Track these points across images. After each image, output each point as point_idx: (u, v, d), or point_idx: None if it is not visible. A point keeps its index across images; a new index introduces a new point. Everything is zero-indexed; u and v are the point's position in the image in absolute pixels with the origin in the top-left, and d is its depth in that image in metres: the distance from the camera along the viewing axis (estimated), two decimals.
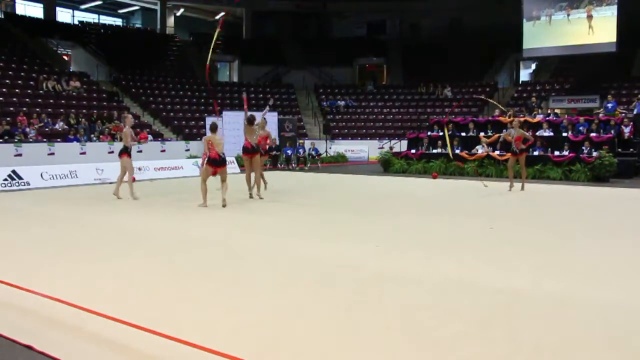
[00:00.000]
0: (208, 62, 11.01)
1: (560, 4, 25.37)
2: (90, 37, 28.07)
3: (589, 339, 3.37)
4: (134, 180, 10.58)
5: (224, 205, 9.08)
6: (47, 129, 17.74)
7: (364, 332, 3.47)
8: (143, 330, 3.30)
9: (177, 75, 28.27)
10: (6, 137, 15.97)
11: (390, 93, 30.10)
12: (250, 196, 10.37)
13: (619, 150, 15.05)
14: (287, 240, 6.54)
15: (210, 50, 10.77)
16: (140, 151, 18.07)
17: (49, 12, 29.14)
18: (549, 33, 25.70)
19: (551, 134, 16.25)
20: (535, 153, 15.44)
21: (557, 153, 15.12)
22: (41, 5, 29.80)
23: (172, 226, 7.48)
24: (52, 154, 15.85)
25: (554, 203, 9.80)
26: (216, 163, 9.32)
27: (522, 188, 11.66)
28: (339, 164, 22.03)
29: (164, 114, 24.25)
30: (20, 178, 12.46)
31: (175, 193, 11.39)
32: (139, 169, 14.83)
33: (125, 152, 10.37)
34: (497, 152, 15.86)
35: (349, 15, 34.71)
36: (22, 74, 21.30)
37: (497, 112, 19.88)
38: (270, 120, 22.34)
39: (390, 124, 27.25)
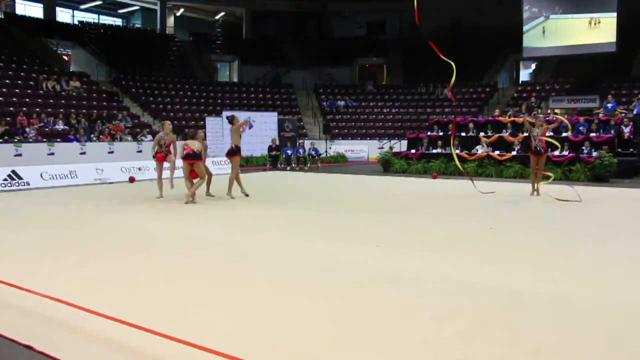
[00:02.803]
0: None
1: (561, 7, 25.38)
2: (90, 37, 28.10)
3: (589, 339, 3.37)
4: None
5: (190, 201, 9.63)
6: (47, 129, 17.74)
7: (363, 332, 3.47)
8: (143, 330, 3.30)
9: (177, 75, 28.28)
10: (6, 137, 15.96)
11: (390, 93, 30.11)
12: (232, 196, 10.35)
13: (619, 150, 15.06)
14: (286, 240, 6.54)
15: None
16: (140, 151, 18.11)
17: (49, 12, 29.15)
18: (548, 33, 25.70)
19: (551, 133, 16.22)
20: None
21: (556, 153, 15.11)
22: (41, 5, 29.82)
23: (172, 226, 7.47)
24: (52, 154, 15.84)
25: (554, 203, 9.79)
26: (191, 157, 9.75)
27: (538, 193, 10.67)
28: (338, 164, 22.03)
29: (164, 114, 24.23)
30: (20, 178, 12.46)
31: (175, 193, 11.37)
32: (139, 169, 14.84)
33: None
34: (497, 152, 15.87)
35: (349, 15, 34.71)
36: (22, 74, 21.30)
37: (497, 112, 19.91)
38: (270, 120, 22.48)
39: (390, 124, 27.26)
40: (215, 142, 19.37)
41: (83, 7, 34.37)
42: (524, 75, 31.64)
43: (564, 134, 15.97)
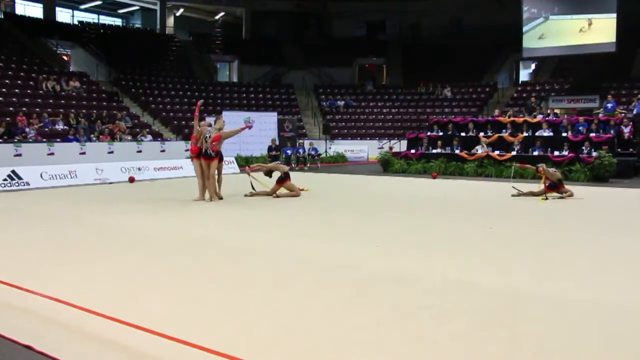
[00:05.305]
0: None
1: (560, 7, 25.39)
2: (90, 37, 28.09)
3: (589, 339, 3.37)
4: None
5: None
6: (46, 129, 17.74)
7: (363, 332, 3.47)
8: (143, 330, 3.31)
9: (177, 75, 28.29)
10: (6, 137, 15.96)
11: (389, 93, 30.12)
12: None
13: (619, 150, 15.05)
14: (286, 240, 6.54)
15: None
16: (140, 151, 18.13)
17: (49, 12, 29.15)
18: (548, 33, 25.72)
19: (551, 134, 16.25)
20: (535, 153, 15.45)
21: (556, 153, 15.12)
22: (41, 5, 29.83)
23: (172, 226, 7.47)
24: (52, 154, 15.85)
25: (554, 203, 9.80)
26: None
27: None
28: (338, 164, 22.03)
29: (164, 113, 24.25)
30: (20, 178, 12.45)
31: (175, 193, 11.39)
32: (139, 169, 14.84)
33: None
34: (497, 152, 15.86)
35: (349, 15, 34.71)
36: (22, 74, 21.31)
37: (496, 112, 19.92)
38: (269, 120, 22.49)
39: (389, 124, 27.27)
40: None
41: (83, 7, 34.36)
42: (524, 75, 31.66)
43: (564, 134, 16.00)
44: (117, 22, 36.81)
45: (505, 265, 5.19)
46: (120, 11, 36.55)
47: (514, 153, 15.64)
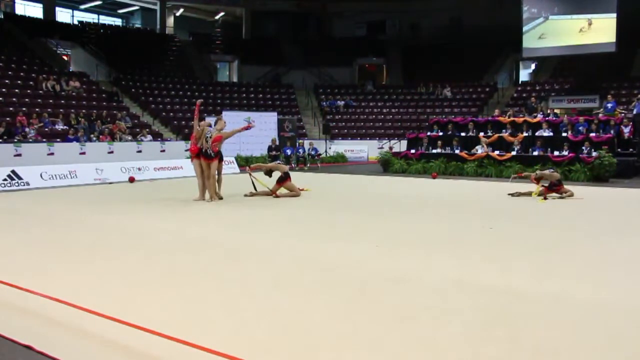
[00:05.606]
0: None
1: (560, 7, 25.40)
2: (90, 37, 28.10)
3: (589, 339, 3.37)
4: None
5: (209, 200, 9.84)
6: (46, 129, 17.74)
7: (363, 332, 3.47)
8: (143, 331, 3.31)
9: (177, 75, 28.29)
10: (6, 137, 15.97)
11: (389, 93, 30.12)
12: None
13: (619, 150, 15.05)
14: (286, 240, 6.54)
15: None
16: (140, 151, 18.14)
17: (49, 12, 29.16)
18: (548, 33, 25.73)
19: (551, 134, 16.25)
20: (535, 153, 15.45)
21: (556, 153, 15.12)
22: (41, 5, 29.85)
23: (172, 226, 7.47)
24: (52, 154, 15.85)
25: (554, 203, 9.80)
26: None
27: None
28: (338, 164, 22.03)
29: (164, 114, 24.25)
30: (19, 178, 12.45)
31: (175, 193, 11.39)
32: (139, 169, 14.85)
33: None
34: (497, 152, 15.86)
35: (349, 15, 34.73)
36: (22, 74, 21.31)
37: (496, 112, 19.92)
38: (269, 120, 22.49)
39: (390, 124, 27.26)
40: None
41: (83, 7, 34.37)
42: (524, 75, 31.67)
43: (564, 134, 16.00)
44: (117, 22, 36.82)
45: (505, 265, 5.19)
46: (120, 11, 36.56)
47: (514, 153, 15.64)
